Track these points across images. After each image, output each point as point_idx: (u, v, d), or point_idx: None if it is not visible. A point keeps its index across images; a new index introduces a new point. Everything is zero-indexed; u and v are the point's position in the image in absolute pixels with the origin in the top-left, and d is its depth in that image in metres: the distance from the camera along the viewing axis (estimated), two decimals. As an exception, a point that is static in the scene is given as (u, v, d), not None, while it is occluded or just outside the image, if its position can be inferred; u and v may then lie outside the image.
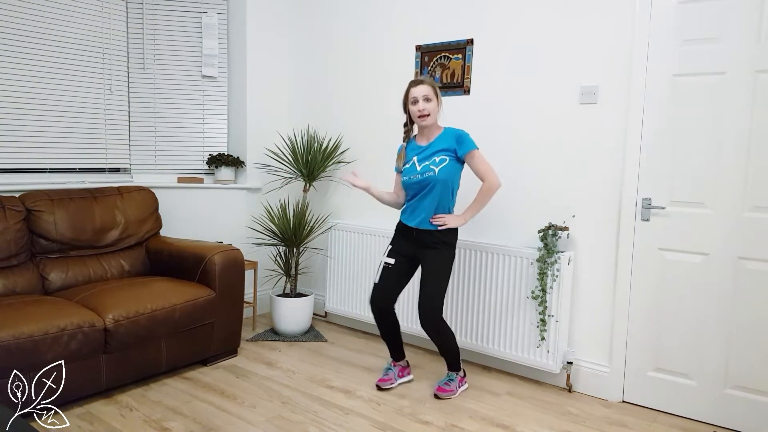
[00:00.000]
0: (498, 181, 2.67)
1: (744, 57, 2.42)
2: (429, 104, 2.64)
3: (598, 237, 2.85)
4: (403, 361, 2.97)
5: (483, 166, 2.66)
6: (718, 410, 2.56)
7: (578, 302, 2.92)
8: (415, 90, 2.66)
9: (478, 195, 2.68)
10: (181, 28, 3.80)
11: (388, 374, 2.90)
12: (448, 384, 2.81)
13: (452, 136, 2.68)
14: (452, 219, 2.67)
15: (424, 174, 2.66)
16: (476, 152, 2.66)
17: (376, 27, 3.66)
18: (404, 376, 2.95)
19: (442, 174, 2.63)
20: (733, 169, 2.48)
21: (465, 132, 2.70)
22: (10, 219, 2.80)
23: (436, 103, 2.67)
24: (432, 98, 2.65)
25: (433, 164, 2.64)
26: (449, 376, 2.84)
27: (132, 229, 3.28)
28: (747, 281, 2.47)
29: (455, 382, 2.82)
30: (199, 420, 2.47)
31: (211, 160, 3.86)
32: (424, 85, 2.65)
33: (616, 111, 2.76)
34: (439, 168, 2.63)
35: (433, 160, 2.65)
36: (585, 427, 2.54)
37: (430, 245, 2.70)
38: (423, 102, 2.64)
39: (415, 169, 2.70)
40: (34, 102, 3.24)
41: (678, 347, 2.65)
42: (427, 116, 2.65)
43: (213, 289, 3.02)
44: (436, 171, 2.63)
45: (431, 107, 2.65)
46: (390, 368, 2.94)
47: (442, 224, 2.66)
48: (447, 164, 2.64)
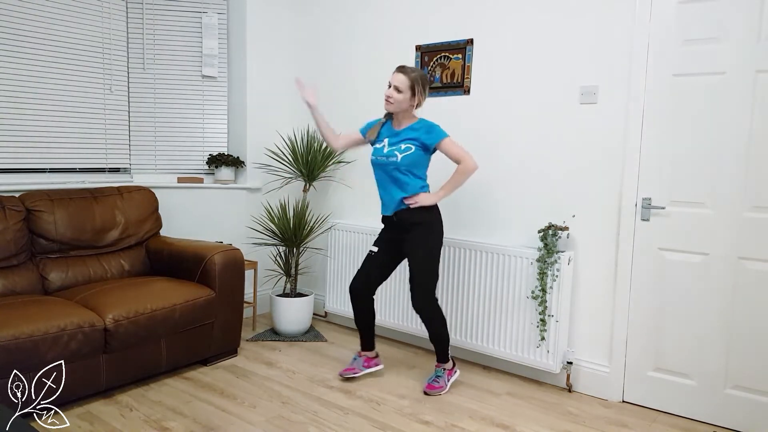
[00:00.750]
0: (474, 163, 2.68)
1: (744, 57, 2.43)
2: (397, 94, 2.67)
3: (598, 237, 2.85)
4: (372, 352, 3.00)
5: (456, 150, 2.69)
6: (718, 410, 2.56)
7: (578, 302, 2.92)
8: (393, 76, 2.69)
9: (453, 175, 2.70)
10: (181, 28, 3.80)
11: (353, 364, 2.95)
12: (437, 380, 2.83)
13: (423, 126, 2.72)
14: (425, 197, 2.71)
15: (388, 158, 2.71)
16: (447, 140, 2.69)
17: (376, 27, 3.66)
18: (371, 367, 2.99)
19: (404, 161, 2.68)
20: (733, 169, 2.48)
21: (435, 124, 2.73)
22: (10, 219, 2.80)
23: (407, 97, 2.68)
24: (403, 90, 2.66)
25: (398, 150, 2.70)
26: (437, 372, 2.86)
27: (132, 229, 3.28)
28: (747, 281, 2.47)
29: (443, 377, 2.84)
30: (199, 420, 2.47)
31: (211, 160, 3.86)
32: (403, 75, 2.67)
33: (616, 111, 2.76)
34: (402, 155, 2.69)
35: (398, 146, 2.71)
36: (585, 427, 2.54)
37: (411, 227, 2.73)
38: (392, 89, 2.67)
39: (383, 150, 2.75)
40: (34, 102, 3.24)
41: (678, 347, 2.65)
42: (391, 103, 2.69)
43: (213, 289, 3.02)
44: (398, 157, 2.69)
45: (398, 97, 2.67)
46: (356, 358, 2.97)
47: (415, 203, 2.69)
48: (411, 153, 2.68)
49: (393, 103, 2.69)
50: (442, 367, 2.86)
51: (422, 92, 2.70)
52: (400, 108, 2.71)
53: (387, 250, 2.84)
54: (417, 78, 2.68)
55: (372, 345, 2.99)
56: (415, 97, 2.69)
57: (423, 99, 2.73)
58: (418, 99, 2.71)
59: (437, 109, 3.39)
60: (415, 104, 2.73)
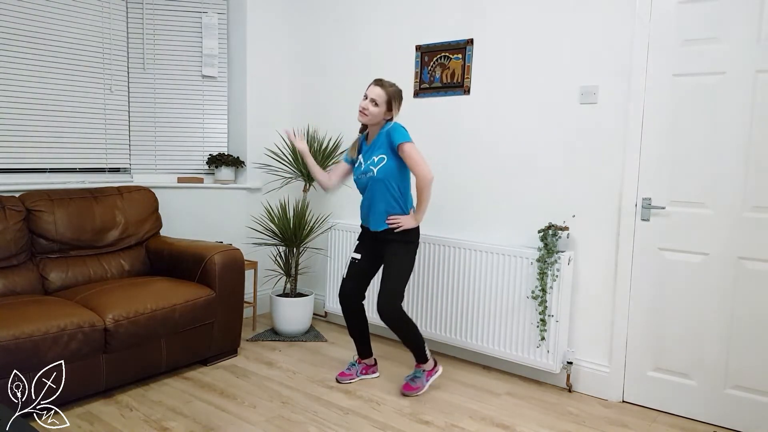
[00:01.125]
0: (429, 173, 2.60)
1: (744, 57, 2.43)
2: (373, 107, 2.65)
3: (598, 237, 2.85)
4: (370, 359, 3.00)
5: (411, 159, 2.61)
6: (718, 410, 2.56)
7: (578, 302, 2.92)
8: (370, 89, 2.68)
9: (417, 194, 2.66)
10: (181, 28, 3.80)
11: (351, 369, 2.96)
12: (414, 381, 2.83)
13: (386, 132, 2.68)
14: (406, 220, 2.68)
15: (366, 174, 2.71)
16: (405, 145, 2.61)
17: (376, 27, 3.66)
18: (368, 374, 2.99)
19: (381, 174, 2.66)
20: (733, 169, 2.48)
21: (399, 124, 2.68)
22: (10, 219, 2.80)
23: (383, 111, 2.66)
24: (380, 104, 2.64)
25: (372, 164, 2.68)
26: (415, 372, 2.86)
27: (132, 229, 3.28)
28: (747, 281, 2.47)
29: (421, 378, 2.83)
30: (199, 420, 2.47)
31: (211, 160, 3.86)
32: (381, 89, 2.65)
33: (616, 111, 2.76)
34: (377, 168, 2.66)
35: (372, 160, 2.69)
36: (585, 427, 2.54)
37: (390, 242, 2.73)
38: (368, 102, 2.66)
39: (360, 168, 2.75)
40: (34, 102, 3.24)
41: (678, 347, 2.65)
42: (366, 116, 2.67)
43: (213, 289, 3.02)
44: (374, 171, 2.67)
45: (373, 110, 2.65)
46: (354, 364, 2.98)
47: (397, 226, 2.68)
48: (385, 163, 2.65)
49: (368, 116, 2.67)
50: (422, 368, 2.85)
51: (397, 107, 2.71)
52: (374, 121, 2.69)
53: (368, 256, 2.85)
54: (394, 93, 2.67)
55: (370, 352, 2.99)
56: (390, 111, 2.69)
57: (397, 113, 2.74)
58: (393, 113, 2.71)
59: (437, 109, 3.39)
60: (391, 117, 2.72)
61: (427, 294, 3.30)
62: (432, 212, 3.44)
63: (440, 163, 3.39)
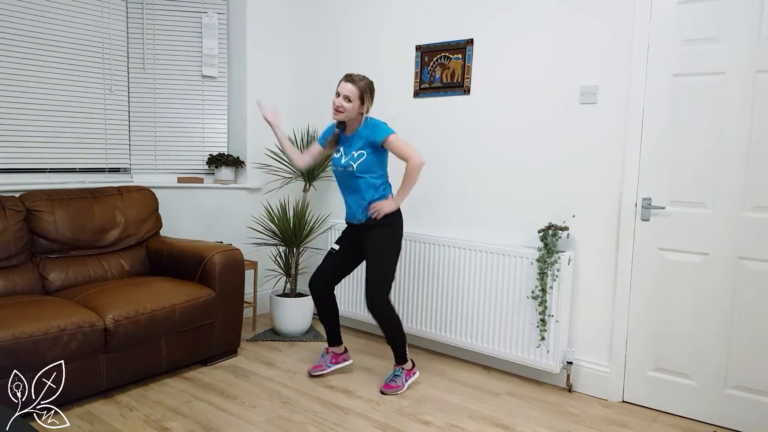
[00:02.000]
0: (420, 158, 2.66)
1: (744, 57, 2.43)
2: (347, 104, 2.67)
3: (598, 237, 2.85)
4: (339, 348, 3.04)
5: (402, 148, 2.68)
6: (718, 410, 2.56)
7: (578, 302, 2.92)
8: (342, 85, 2.69)
9: (405, 175, 2.70)
10: (181, 28, 3.80)
11: (321, 361, 3.01)
12: (394, 380, 2.85)
13: (368, 126, 2.73)
14: (386, 205, 2.72)
15: (346, 168, 2.75)
16: (392, 137, 2.68)
17: (376, 27, 3.66)
18: (339, 363, 3.03)
19: (360, 168, 2.72)
20: (733, 169, 2.48)
21: (376, 120, 2.74)
22: (10, 219, 2.80)
23: (357, 105, 2.68)
24: (353, 100, 2.67)
25: (352, 159, 2.73)
26: (395, 371, 2.88)
27: (132, 229, 3.28)
28: (747, 281, 2.47)
29: (401, 377, 2.86)
30: (199, 420, 2.47)
31: (211, 160, 3.86)
32: (352, 85, 2.67)
33: (616, 111, 2.76)
34: (357, 163, 2.71)
35: (351, 155, 2.74)
36: (585, 427, 2.54)
37: (371, 228, 2.77)
38: (342, 99, 2.68)
39: (340, 161, 2.78)
40: (34, 102, 3.24)
41: (678, 347, 2.65)
42: (341, 113, 2.70)
43: (213, 289, 3.02)
44: (354, 166, 2.72)
45: (347, 107, 2.67)
46: (323, 355, 3.02)
47: (377, 213, 2.71)
48: (365, 158, 2.71)
49: (343, 113, 2.69)
50: (401, 367, 2.88)
51: (370, 100, 2.73)
52: (350, 117, 2.72)
53: (348, 248, 2.90)
54: (365, 87, 2.69)
55: (338, 340, 3.03)
56: (364, 104, 2.72)
57: (371, 106, 2.76)
58: (366, 106, 2.73)
59: (437, 109, 3.39)
60: (364, 111, 2.74)
61: (428, 294, 3.30)
62: (432, 212, 3.44)
63: (440, 163, 3.39)
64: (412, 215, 3.53)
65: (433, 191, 3.43)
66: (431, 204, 3.44)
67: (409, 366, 2.91)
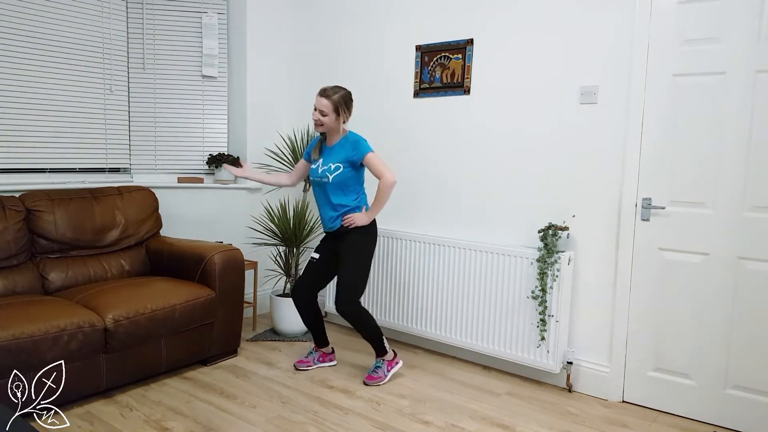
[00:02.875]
0: (392, 177, 2.77)
1: (744, 57, 2.43)
2: (323, 117, 2.78)
3: (598, 237, 2.85)
4: (327, 348, 3.15)
5: (377, 166, 2.79)
6: (718, 410, 2.56)
7: (578, 302, 2.92)
8: (317, 100, 2.79)
9: (377, 193, 2.79)
10: (181, 28, 3.80)
11: (308, 357, 3.11)
12: (376, 371, 2.93)
13: (349, 143, 2.83)
14: (359, 217, 2.82)
15: (321, 179, 2.84)
16: (370, 155, 2.79)
17: (376, 27, 3.66)
18: (325, 362, 3.13)
19: (335, 181, 2.81)
20: (733, 169, 2.48)
21: (360, 137, 2.84)
22: (10, 219, 2.80)
23: (333, 118, 2.78)
24: (328, 113, 2.77)
25: (329, 171, 2.82)
26: (376, 363, 2.97)
27: (132, 229, 3.28)
28: (747, 281, 2.47)
29: (383, 368, 2.95)
30: (199, 420, 2.47)
31: (211, 160, 3.86)
32: (325, 99, 2.77)
33: (616, 111, 2.76)
34: (333, 176, 2.81)
35: (328, 167, 2.82)
36: (585, 427, 2.54)
37: (347, 233, 2.86)
38: (318, 113, 2.79)
39: (317, 171, 2.87)
40: (34, 102, 3.24)
41: (678, 347, 2.65)
42: (321, 125, 2.81)
43: (213, 289, 3.02)
44: (330, 178, 2.81)
45: (324, 120, 2.79)
46: (312, 352, 3.13)
47: (351, 224, 2.81)
48: (341, 172, 2.80)
49: (322, 125, 2.81)
50: (382, 358, 2.97)
51: (346, 111, 2.82)
52: (329, 129, 2.83)
53: (327, 256, 2.97)
54: (339, 100, 2.78)
55: (325, 341, 3.12)
56: (340, 117, 2.80)
57: (348, 116, 2.85)
58: (343, 117, 2.82)
59: (437, 109, 3.39)
60: (342, 122, 2.83)
61: (428, 294, 3.30)
62: (432, 212, 3.44)
63: (440, 163, 3.39)
64: (412, 215, 3.53)
65: (433, 191, 3.43)
66: (431, 204, 3.44)
67: (391, 356, 2.98)
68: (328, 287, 3.79)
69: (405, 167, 3.55)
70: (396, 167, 3.60)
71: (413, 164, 3.51)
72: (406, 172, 3.55)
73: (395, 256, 3.44)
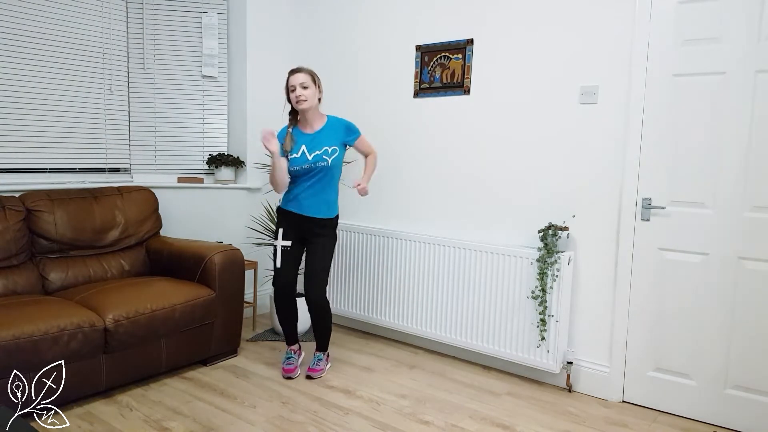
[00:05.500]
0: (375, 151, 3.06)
1: (744, 57, 2.43)
2: (306, 91, 2.78)
3: (598, 237, 2.85)
4: (296, 345, 3.13)
5: (369, 144, 3.02)
6: (718, 410, 2.56)
7: (578, 302, 2.92)
8: (293, 78, 2.79)
9: (372, 164, 3.00)
10: (181, 28, 3.80)
11: (292, 363, 3.01)
12: (318, 364, 3.01)
13: (341, 127, 2.90)
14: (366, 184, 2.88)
15: (317, 163, 2.82)
16: (362, 136, 2.97)
17: (376, 27, 3.66)
18: (301, 357, 3.17)
19: (333, 163, 2.85)
20: (733, 168, 2.48)
21: (349, 121, 2.96)
22: (10, 219, 2.80)
23: (315, 90, 2.81)
24: (309, 85, 2.78)
25: (326, 155, 2.83)
26: (317, 356, 3.04)
27: (132, 229, 3.28)
28: (747, 281, 2.47)
29: (323, 361, 3.04)
30: (199, 420, 2.47)
31: (211, 160, 3.86)
32: (301, 73, 2.79)
33: (616, 111, 2.76)
34: (331, 159, 2.84)
35: (325, 150, 2.83)
36: (585, 427, 2.54)
37: (321, 230, 2.89)
38: (300, 89, 2.77)
39: (306, 158, 2.82)
40: (34, 102, 3.24)
41: (678, 347, 2.65)
42: (305, 101, 2.78)
43: (213, 289, 3.02)
44: (329, 161, 2.83)
45: (308, 93, 2.78)
46: (291, 356, 3.06)
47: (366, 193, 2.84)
48: (338, 155, 2.87)
49: (306, 100, 2.78)
50: (324, 353, 3.06)
51: (320, 84, 2.86)
52: (312, 104, 2.81)
53: (296, 244, 2.96)
54: (312, 71, 2.83)
55: (296, 338, 3.12)
56: (318, 88, 2.83)
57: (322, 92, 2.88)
58: (320, 89, 2.85)
59: (437, 109, 3.39)
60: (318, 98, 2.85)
61: (427, 294, 3.30)
62: (431, 212, 3.44)
63: (439, 163, 3.39)
64: (412, 215, 3.53)
65: (433, 191, 3.43)
66: (431, 204, 3.44)
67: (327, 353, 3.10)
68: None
69: (405, 167, 3.55)
70: (396, 167, 3.60)
71: (413, 164, 3.51)
72: (406, 172, 3.55)
73: (395, 256, 3.44)
